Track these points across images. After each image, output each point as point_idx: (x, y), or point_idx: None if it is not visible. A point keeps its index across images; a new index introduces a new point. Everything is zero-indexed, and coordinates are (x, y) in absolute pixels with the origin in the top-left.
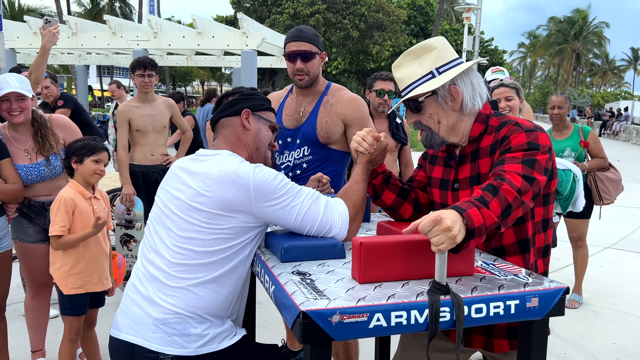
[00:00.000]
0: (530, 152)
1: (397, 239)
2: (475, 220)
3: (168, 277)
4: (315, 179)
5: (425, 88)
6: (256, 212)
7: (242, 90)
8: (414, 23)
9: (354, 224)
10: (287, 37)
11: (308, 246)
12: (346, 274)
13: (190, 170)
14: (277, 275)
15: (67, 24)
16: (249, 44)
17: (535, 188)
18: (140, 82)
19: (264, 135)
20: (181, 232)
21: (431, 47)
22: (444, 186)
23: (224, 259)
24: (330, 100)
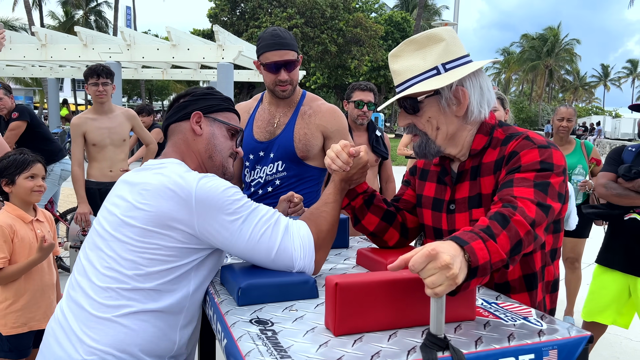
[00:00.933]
0: (544, 173)
1: (381, 278)
2: (479, 255)
3: (95, 305)
4: (286, 199)
5: (428, 86)
6: (197, 230)
7: (195, 91)
8: (391, 39)
9: (320, 254)
10: (265, 45)
11: (272, 284)
12: (318, 321)
13: (131, 181)
14: (230, 325)
15: (37, 35)
16: (225, 56)
17: (550, 218)
18: (95, 92)
19: (219, 141)
20: (110, 251)
21: (438, 38)
22: (438, 207)
23: (162, 287)
24: (308, 111)
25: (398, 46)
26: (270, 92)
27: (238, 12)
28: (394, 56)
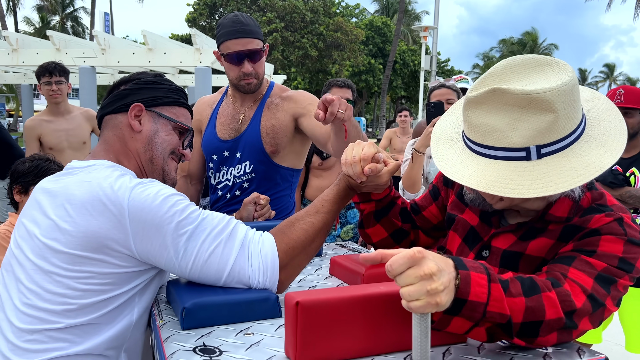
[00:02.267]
0: (617, 271)
1: (352, 294)
2: (473, 290)
3: (15, 350)
4: (251, 202)
5: (504, 189)
6: (135, 251)
7: (140, 77)
8: (372, 43)
9: (286, 272)
10: (225, 32)
11: (224, 303)
12: (278, 347)
13: (51, 190)
14: (167, 356)
15: (7, 40)
16: (202, 60)
17: (596, 319)
18: (48, 91)
19: (162, 140)
20: (32, 284)
21: (547, 107)
22: (471, 241)
23: (99, 320)
24: (275, 101)
25: (483, 89)
26: (233, 86)
27: (217, 17)
28: (473, 102)
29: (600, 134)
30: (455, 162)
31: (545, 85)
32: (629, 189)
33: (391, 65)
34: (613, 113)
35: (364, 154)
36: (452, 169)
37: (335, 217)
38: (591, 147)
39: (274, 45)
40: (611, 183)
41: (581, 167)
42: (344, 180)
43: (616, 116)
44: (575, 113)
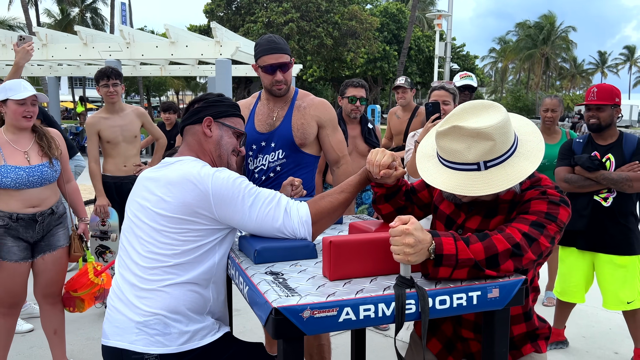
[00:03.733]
0: (545, 220)
1: (365, 238)
2: (445, 247)
3: (142, 281)
4: (288, 184)
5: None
6: (217, 216)
7: (208, 97)
8: (387, 30)
9: (316, 227)
10: (262, 50)
11: (280, 247)
12: (317, 272)
13: (154, 177)
14: (250, 276)
15: (37, 35)
16: (223, 52)
17: (535, 250)
18: (106, 93)
19: (226, 142)
20: (149, 238)
21: (488, 137)
22: (449, 225)
23: (194, 260)
24: (302, 104)
25: (447, 126)
26: (267, 91)
27: (234, 8)
28: (441, 134)
29: (527, 151)
30: (432, 172)
31: (487, 123)
32: (603, 172)
33: (406, 52)
34: (536, 135)
35: (383, 162)
36: (430, 178)
37: (355, 197)
38: (520, 160)
39: (289, 35)
40: (588, 167)
41: (513, 174)
42: (365, 172)
43: (538, 137)
44: (508, 139)
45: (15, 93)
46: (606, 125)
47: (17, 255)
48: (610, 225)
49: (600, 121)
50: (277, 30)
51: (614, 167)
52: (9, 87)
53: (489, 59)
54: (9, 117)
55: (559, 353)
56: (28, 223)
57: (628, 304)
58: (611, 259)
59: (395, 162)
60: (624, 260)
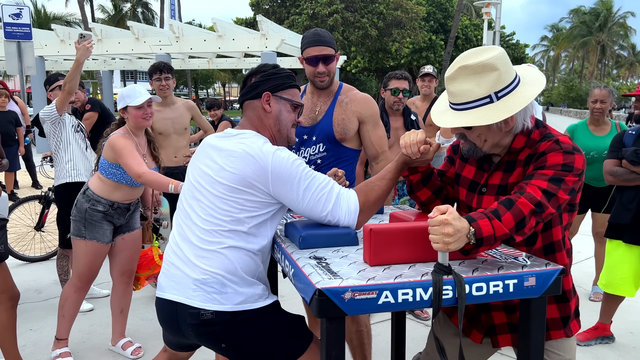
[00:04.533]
0: (562, 172)
1: (404, 226)
2: (484, 230)
3: (201, 241)
4: (332, 174)
5: (483, 120)
6: (272, 192)
7: (264, 70)
8: (433, 19)
9: (363, 216)
10: (306, 42)
11: (324, 234)
12: (358, 258)
13: (217, 146)
14: (295, 259)
15: (93, 31)
16: (268, 45)
17: (554, 204)
18: (159, 86)
19: (285, 117)
20: (209, 203)
21: (493, 68)
22: (472, 188)
23: (249, 228)
24: (345, 100)
25: (453, 69)
26: (311, 82)
27: (279, 0)
28: (450, 78)
29: (530, 80)
30: (449, 118)
31: (488, 56)
32: None
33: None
34: (531, 69)
35: (419, 139)
36: (448, 122)
37: (394, 183)
38: (526, 87)
39: (334, 27)
40: (632, 161)
41: (523, 97)
42: (402, 157)
43: (534, 70)
44: (511, 69)
45: (132, 99)
46: None
47: (108, 237)
48: None
49: None
50: (322, 21)
51: None
52: (126, 95)
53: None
54: (130, 121)
55: (604, 348)
56: (123, 211)
57: None
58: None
59: (429, 139)
60: None
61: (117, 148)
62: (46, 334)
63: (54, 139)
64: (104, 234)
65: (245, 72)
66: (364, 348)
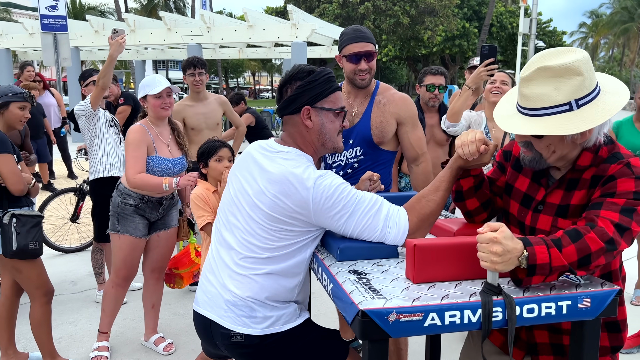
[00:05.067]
0: (634, 202)
1: (450, 242)
2: (538, 257)
3: (236, 266)
4: (367, 179)
5: (561, 129)
6: (314, 221)
7: (299, 76)
8: (467, 6)
9: (417, 235)
10: (347, 39)
11: (363, 247)
12: (400, 273)
13: (259, 163)
14: (334, 274)
15: (126, 21)
16: (299, 35)
17: (627, 238)
18: (192, 82)
19: (328, 130)
20: (247, 226)
21: (577, 72)
22: (526, 203)
23: (286, 255)
24: (382, 101)
25: (531, 70)
26: (349, 81)
27: None
28: (525, 79)
29: (612, 89)
30: (519, 125)
31: (572, 58)
32: None
33: (487, 29)
34: (611, 78)
35: (479, 137)
36: (519, 129)
37: (449, 193)
38: (609, 96)
39: (365, 15)
40: None
41: (607, 107)
42: (456, 162)
43: (614, 79)
44: (594, 76)
45: (151, 89)
46: None
47: (141, 231)
48: None
49: None
50: (353, 9)
51: None
52: (146, 84)
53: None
54: (150, 111)
55: None
56: (154, 205)
57: None
58: None
59: (486, 139)
60: None
61: (126, 141)
62: (81, 326)
63: (88, 134)
64: (137, 227)
65: (275, 61)
66: None
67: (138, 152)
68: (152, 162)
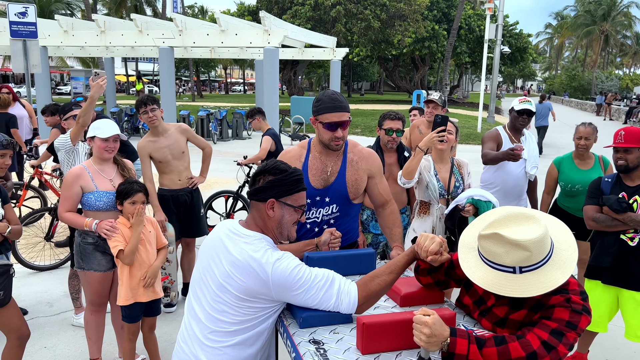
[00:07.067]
0: (565, 328)
1: (393, 319)
2: (457, 348)
3: (206, 339)
4: (329, 232)
5: (502, 290)
6: (275, 298)
7: (273, 172)
8: (436, 9)
9: (362, 308)
10: (326, 107)
11: (322, 315)
12: (352, 342)
13: (226, 246)
14: (297, 343)
15: (96, 22)
16: (271, 41)
17: (554, 356)
18: (147, 119)
19: (286, 221)
20: (214, 304)
21: (525, 249)
22: (478, 303)
23: (251, 326)
24: (354, 158)
25: (489, 231)
26: (323, 145)
27: None
28: (483, 237)
29: (560, 260)
30: (472, 265)
31: (526, 237)
32: (630, 214)
33: (455, 32)
34: (571, 245)
35: (431, 249)
36: (470, 272)
37: (400, 275)
38: (553, 269)
39: (336, 18)
40: (615, 210)
41: (545, 282)
42: (413, 253)
43: (572, 247)
44: (544, 250)
45: (101, 132)
46: (634, 167)
47: (105, 266)
48: (635, 263)
49: (628, 163)
50: (325, 12)
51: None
52: (97, 127)
53: (545, 35)
54: (95, 150)
55: None
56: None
57: None
58: (634, 295)
59: (442, 248)
60: None
61: (63, 182)
62: (60, 352)
63: (67, 167)
64: (100, 263)
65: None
66: None
67: (68, 193)
68: (94, 197)
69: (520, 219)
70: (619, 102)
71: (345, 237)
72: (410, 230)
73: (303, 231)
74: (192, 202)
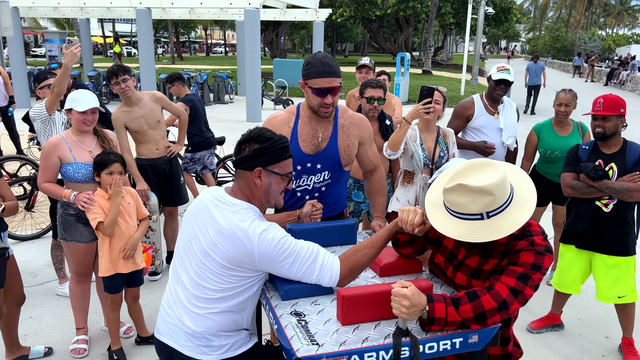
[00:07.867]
0: (531, 271)
1: (371, 291)
2: (437, 312)
3: (191, 305)
4: (311, 204)
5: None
6: (259, 268)
7: (259, 141)
8: None
9: (345, 282)
10: (315, 72)
11: (303, 287)
12: (332, 313)
13: (212, 214)
14: (279, 315)
15: None
16: (251, 2)
17: (521, 300)
18: (119, 90)
19: (274, 190)
20: (199, 271)
21: (489, 193)
22: (450, 259)
23: (235, 294)
24: (345, 124)
25: (452, 184)
26: (312, 111)
27: None
28: (447, 190)
29: (522, 199)
30: (441, 220)
31: (487, 181)
32: (606, 181)
33: None
34: (528, 184)
35: (416, 222)
36: (440, 226)
37: (381, 250)
38: (517, 209)
39: None
40: (592, 177)
41: (512, 222)
42: (395, 227)
43: (529, 186)
44: (506, 192)
45: (78, 105)
46: (611, 135)
47: (87, 237)
48: (608, 229)
49: (606, 130)
50: None
51: (617, 176)
52: (73, 99)
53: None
54: (73, 123)
55: (554, 335)
56: None
57: (619, 298)
58: (607, 259)
59: (424, 218)
60: (619, 260)
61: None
62: (45, 322)
63: (44, 137)
64: (82, 234)
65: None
66: None
67: (46, 163)
68: (73, 169)
69: (479, 167)
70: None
71: (334, 206)
72: (393, 199)
73: (294, 199)
74: (171, 170)
